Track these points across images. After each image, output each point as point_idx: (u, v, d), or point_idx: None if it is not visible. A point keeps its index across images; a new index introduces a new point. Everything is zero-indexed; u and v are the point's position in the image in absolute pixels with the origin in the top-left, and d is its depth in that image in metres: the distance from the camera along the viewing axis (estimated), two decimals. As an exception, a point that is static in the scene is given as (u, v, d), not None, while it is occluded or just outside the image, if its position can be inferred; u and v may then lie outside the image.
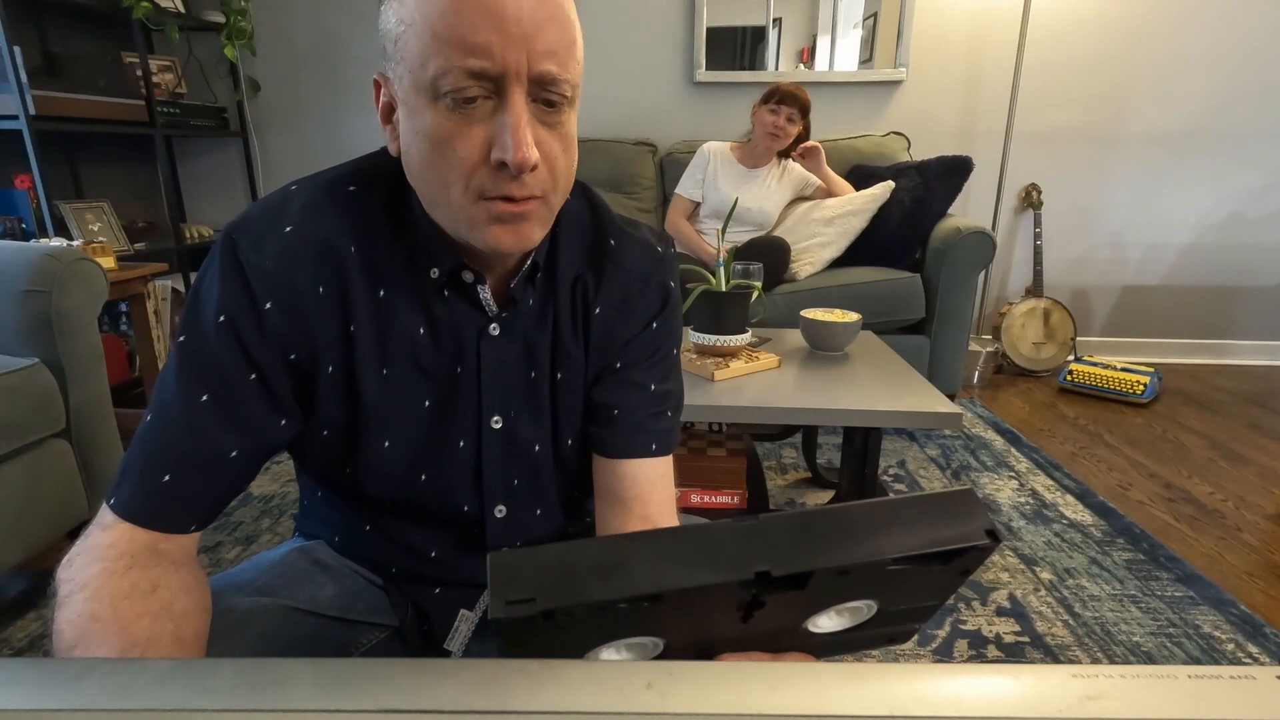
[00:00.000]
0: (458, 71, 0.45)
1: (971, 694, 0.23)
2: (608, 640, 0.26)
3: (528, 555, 0.23)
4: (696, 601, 0.24)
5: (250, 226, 0.52)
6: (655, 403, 0.63)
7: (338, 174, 0.56)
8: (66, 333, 1.33)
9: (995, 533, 0.24)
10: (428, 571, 0.67)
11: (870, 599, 0.27)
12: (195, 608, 0.49)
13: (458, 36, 0.44)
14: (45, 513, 1.30)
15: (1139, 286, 2.97)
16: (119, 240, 2.44)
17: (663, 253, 0.64)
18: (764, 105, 2.30)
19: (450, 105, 0.46)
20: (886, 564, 0.24)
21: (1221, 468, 1.99)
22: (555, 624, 0.23)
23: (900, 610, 0.28)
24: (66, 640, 0.44)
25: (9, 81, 2.01)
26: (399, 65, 0.48)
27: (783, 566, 0.23)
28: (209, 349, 0.51)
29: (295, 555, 0.67)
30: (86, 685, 0.23)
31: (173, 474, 0.50)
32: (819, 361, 1.47)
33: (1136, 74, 2.75)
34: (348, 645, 0.66)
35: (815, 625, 0.28)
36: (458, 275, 0.56)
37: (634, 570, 0.23)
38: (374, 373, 0.56)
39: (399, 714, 0.22)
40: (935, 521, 0.24)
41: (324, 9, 2.86)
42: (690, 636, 0.27)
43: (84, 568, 0.48)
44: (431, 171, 0.49)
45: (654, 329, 0.63)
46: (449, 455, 0.60)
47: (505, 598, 0.23)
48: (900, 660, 1.24)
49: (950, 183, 2.29)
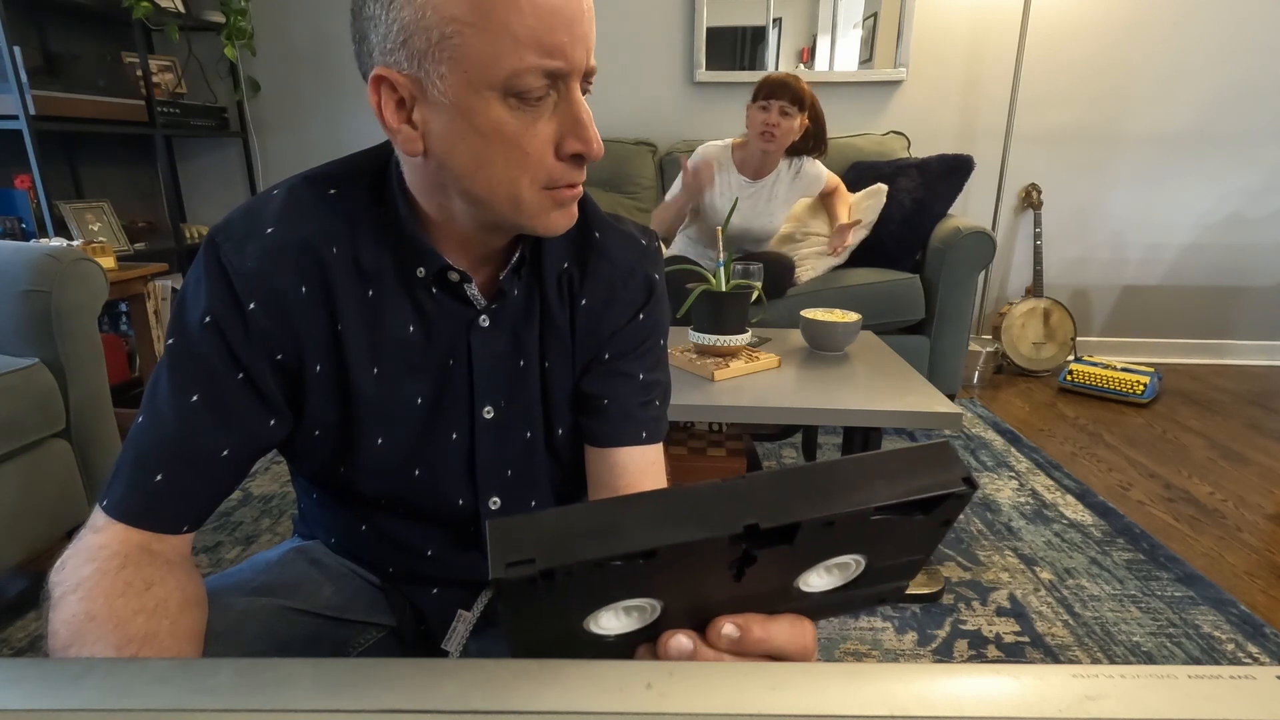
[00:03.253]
0: (535, 72, 0.46)
1: (971, 694, 0.23)
2: (606, 603, 0.26)
3: (526, 519, 0.24)
4: (690, 559, 0.24)
5: (232, 229, 0.53)
6: (644, 392, 0.65)
7: (317, 176, 0.56)
8: (66, 333, 1.33)
9: (971, 480, 0.25)
10: (425, 570, 0.67)
11: (857, 553, 0.27)
12: (191, 604, 0.49)
13: (535, 38, 0.45)
14: (45, 513, 1.30)
15: (1139, 286, 2.97)
16: (119, 240, 2.44)
17: (646, 245, 0.65)
18: (754, 103, 2.00)
19: (518, 103, 0.47)
20: (870, 514, 0.25)
21: (1221, 468, 1.99)
22: (554, 585, 0.24)
23: (887, 565, 0.29)
24: (62, 640, 0.44)
25: (9, 81, 2.01)
26: (439, 64, 0.46)
27: (770, 519, 0.24)
28: (197, 350, 0.52)
29: (293, 555, 0.67)
30: (86, 685, 0.23)
31: (165, 474, 0.51)
32: (819, 361, 1.47)
33: (1136, 74, 2.75)
34: (345, 645, 0.66)
35: (806, 584, 0.29)
36: (444, 274, 0.57)
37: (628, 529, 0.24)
38: (365, 371, 0.57)
39: (399, 714, 0.22)
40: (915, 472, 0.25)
41: (324, 9, 2.86)
42: (686, 598, 0.27)
43: (77, 569, 0.48)
44: (492, 167, 0.49)
45: (640, 320, 0.64)
46: (443, 448, 0.61)
47: (505, 560, 0.23)
48: (900, 660, 1.24)
49: (951, 182, 2.29)
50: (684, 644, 0.29)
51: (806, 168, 2.17)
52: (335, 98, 2.95)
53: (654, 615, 0.28)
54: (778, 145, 2.02)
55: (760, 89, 1.97)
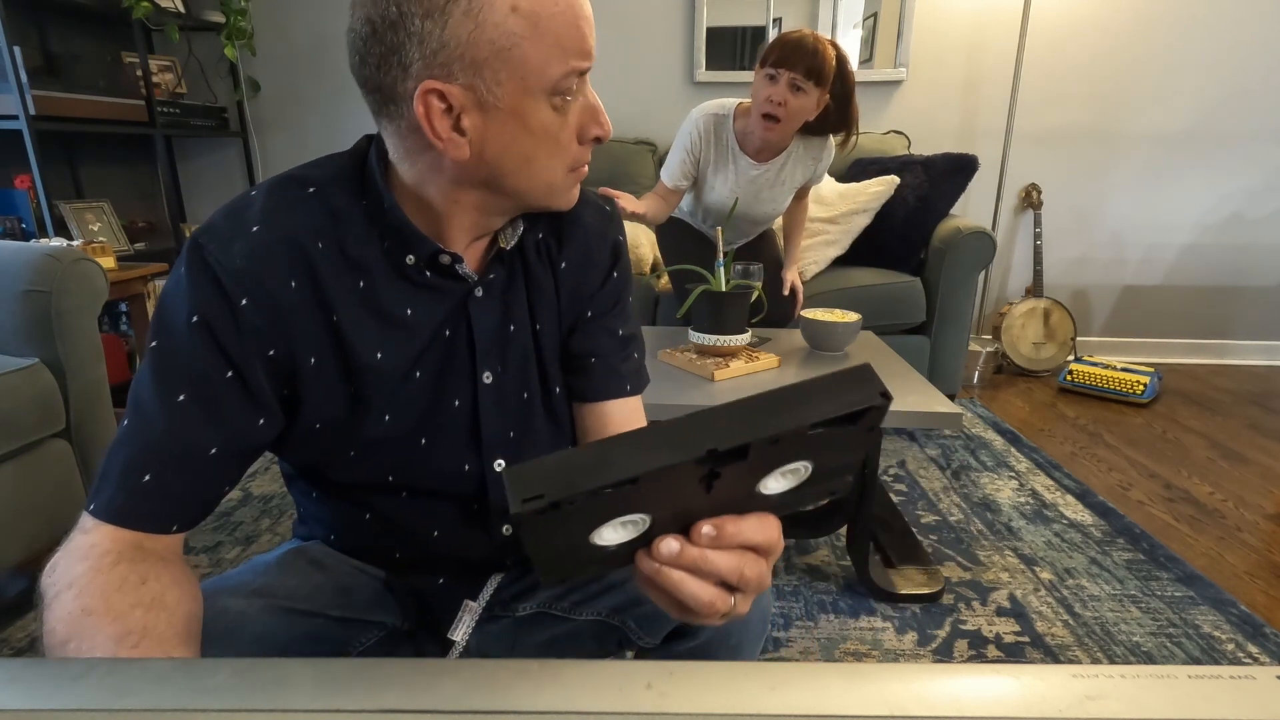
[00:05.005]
0: (574, 73, 0.53)
1: (971, 694, 0.23)
2: (605, 521, 0.32)
3: (534, 464, 0.29)
4: (666, 479, 0.30)
5: (216, 231, 0.54)
6: (624, 346, 0.71)
7: (293, 177, 0.58)
8: (66, 333, 1.33)
9: (887, 394, 0.31)
10: (431, 552, 0.68)
11: (805, 460, 0.34)
12: (187, 599, 0.49)
13: (575, 44, 0.52)
14: (45, 513, 1.30)
15: (1139, 286, 2.97)
16: (119, 240, 2.44)
17: (610, 211, 0.71)
18: (761, 68, 1.58)
19: (560, 102, 0.53)
20: (806, 429, 0.30)
21: (1221, 468, 1.99)
22: (562, 513, 0.29)
23: (832, 466, 0.35)
24: (60, 637, 0.44)
25: (9, 81, 2.01)
26: (497, 73, 0.50)
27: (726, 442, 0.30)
28: (182, 350, 0.52)
29: (291, 556, 0.67)
30: (86, 685, 0.23)
31: (153, 474, 0.51)
32: (819, 362, 1.47)
33: (1136, 74, 2.75)
34: (347, 645, 0.66)
35: (766, 488, 0.35)
36: (435, 258, 0.59)
37: (615, 462, 0.29)
38: (369, 355, 0.58)
39: (399, 714, 0.22)
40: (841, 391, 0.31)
41: (324, 9, 2.86)
42: (669, 510, 0.33)
43: (69, 569, 0.47)
44: (539, 162, 0.55)
45: (615, 278, 0.70)
46: (447, 415, 0.64)
47: (521, 497, 0.28)
48: (900, 660, 1.24)
49: (956, 181, 2.28)
50: (672, 545, 0.35)
51: (826, 155, 1.79)
52: (335, 98, 2.95)
53: (645, 526, 0.34)
54: (780, 132, 1.62)
55: (770, 51, 1.54)
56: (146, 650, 0.44)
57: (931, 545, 1.59)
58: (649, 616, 0.70)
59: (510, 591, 0.73)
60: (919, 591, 1.38)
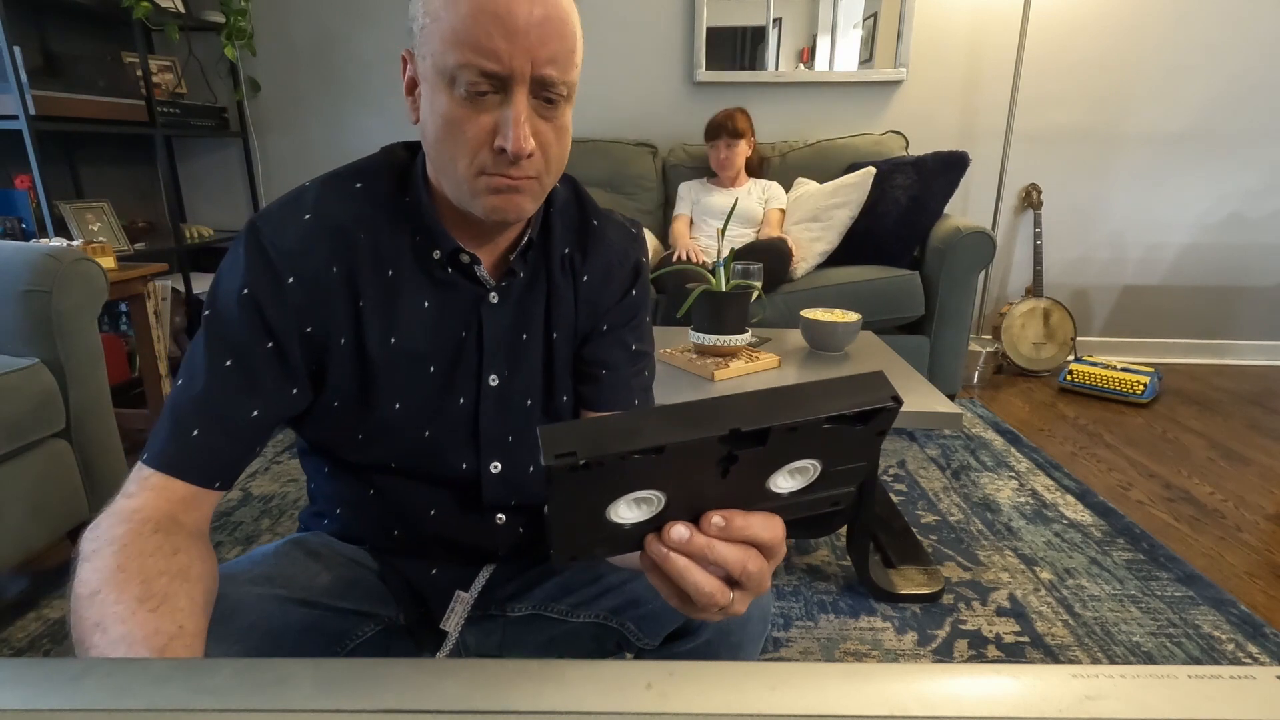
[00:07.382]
0: (471, 69, 0.52)
1: (971, 694, 0.23)
2: (625, 492, 0.33)
3: (569, 425, 0.31)
4: (688, 455, 0.32)
5: (272, 216, 0.60)
6: (635, 361, 0.73)
7: (346, 172, 0.63)
8: (66, 333, 1.33)
9: (898, 398, 0.33)
10: (427, 532, 0.70)
11: (814, 458, 0.35)
12: (207, 576, 0.52)
13: (473, 40, 0.52)
14: (45, 513, 1.30)
15: (1139, 286, 2.97)
16: (119, 240, 2.44)
17: (636, 234, 0.74)
18: (709, 145, 2.50)
19: (464, 94, 0.54)
20: (822, 422, 0.32)
21: (1221, 468, 1.99)
22: (589, 473, 0.31)
23: (839, 470, 0.36)
24: (90, 587, 0.47)
25: (9, 81, 2.01)
26: (421, 47, 0.55)
27: (749, 424, 0.31)
28: (232, 320, 0.57)
29: (289, 547, 0.68)
30: (86, 685, 0.23)
31: (201, 429, 0.56)
32: (819, 361, 1.47)
33: (1136, 74, 2.75)
34: (343, 637, 0.66)
35: (775, 485, 0.36)
36: (456, 256, 0.63)
37: (645, 431, 0.31)
38: (384, 343, 0.62)
39: (399, 714, 0.22)
40: (856, 392, 0.33)
41: (324, 9, 2.86)
42: (684, 492, 0.35)
43: (111, 528, 0.51)
44: (442, 145, 0.57)
45: (633, 295, 0.73)
46: (452, 412, 0.67)
47: (554, 452, 0.30)
48: (900, 660, 1.24)
49: (947, 178, 2.29)
50: (682, 531, 0.36)
51: (771, 190, 2.54)
52: (335, 98, 2.95)
53: (659, 507, 0.35)
54: (733, 172, 2.51)
55: (708, 132, 2.48)
56: (163, 615, 0.46)
57: (931, 545, 1.59)
58: (648, 618, 0.70)
59: (505, 591, 0.73)
60: (919, 591, 1.38)
